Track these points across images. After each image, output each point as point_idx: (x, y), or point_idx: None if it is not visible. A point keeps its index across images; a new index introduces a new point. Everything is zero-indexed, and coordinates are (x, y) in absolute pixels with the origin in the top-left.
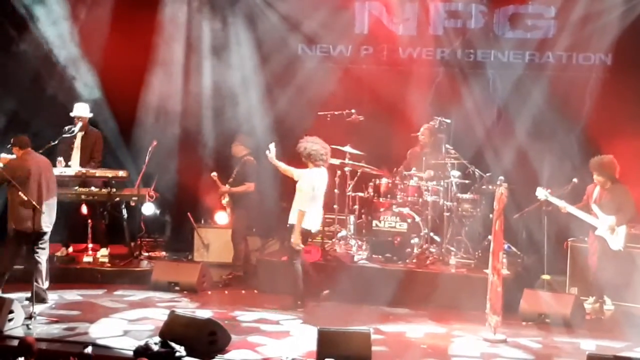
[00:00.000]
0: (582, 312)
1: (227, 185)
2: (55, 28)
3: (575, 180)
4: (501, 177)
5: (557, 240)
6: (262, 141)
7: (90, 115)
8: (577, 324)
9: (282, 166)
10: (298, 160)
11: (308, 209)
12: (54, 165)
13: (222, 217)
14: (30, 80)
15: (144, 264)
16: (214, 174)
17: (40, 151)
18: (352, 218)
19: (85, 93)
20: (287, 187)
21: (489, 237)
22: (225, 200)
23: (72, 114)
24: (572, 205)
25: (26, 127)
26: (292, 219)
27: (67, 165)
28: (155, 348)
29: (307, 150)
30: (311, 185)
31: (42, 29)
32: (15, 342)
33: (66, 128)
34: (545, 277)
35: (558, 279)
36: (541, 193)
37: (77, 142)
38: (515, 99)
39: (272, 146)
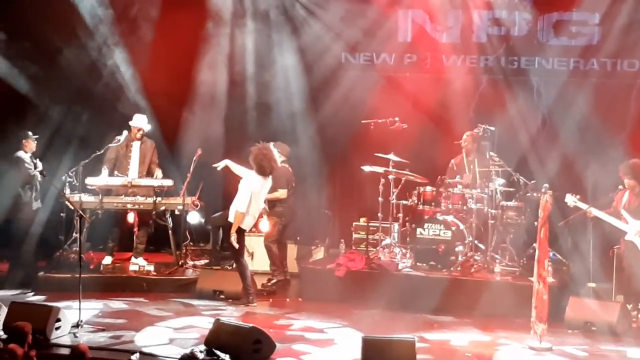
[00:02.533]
0: (629, 320)
1: None
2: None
3: (620, 187)
4: (546, 185)
5: (602, 248)
6: (305, 148)
7: (149, 127)
8: (623, 332)
9: (235, 168)
10: (340, 168)
11: (246, 211)
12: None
13: (265, 225)
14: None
15: (189, 273)
16: None
17: (86, 160)
18: (396, 226)
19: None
20: (332, 195)
21: (534, 244)
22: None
23: (132, 124)
24: (601, 211)
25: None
26: (231, 217)
27: (124, 175)
28: (201, 356)
29: (257, 160)
30: (249, 190)
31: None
32: (63, 351)
33: (117, 138)
34: (591, 284)
35: (604, 287)
36: (570, 199)
37: (135, 152)
38: (560, 106)
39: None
